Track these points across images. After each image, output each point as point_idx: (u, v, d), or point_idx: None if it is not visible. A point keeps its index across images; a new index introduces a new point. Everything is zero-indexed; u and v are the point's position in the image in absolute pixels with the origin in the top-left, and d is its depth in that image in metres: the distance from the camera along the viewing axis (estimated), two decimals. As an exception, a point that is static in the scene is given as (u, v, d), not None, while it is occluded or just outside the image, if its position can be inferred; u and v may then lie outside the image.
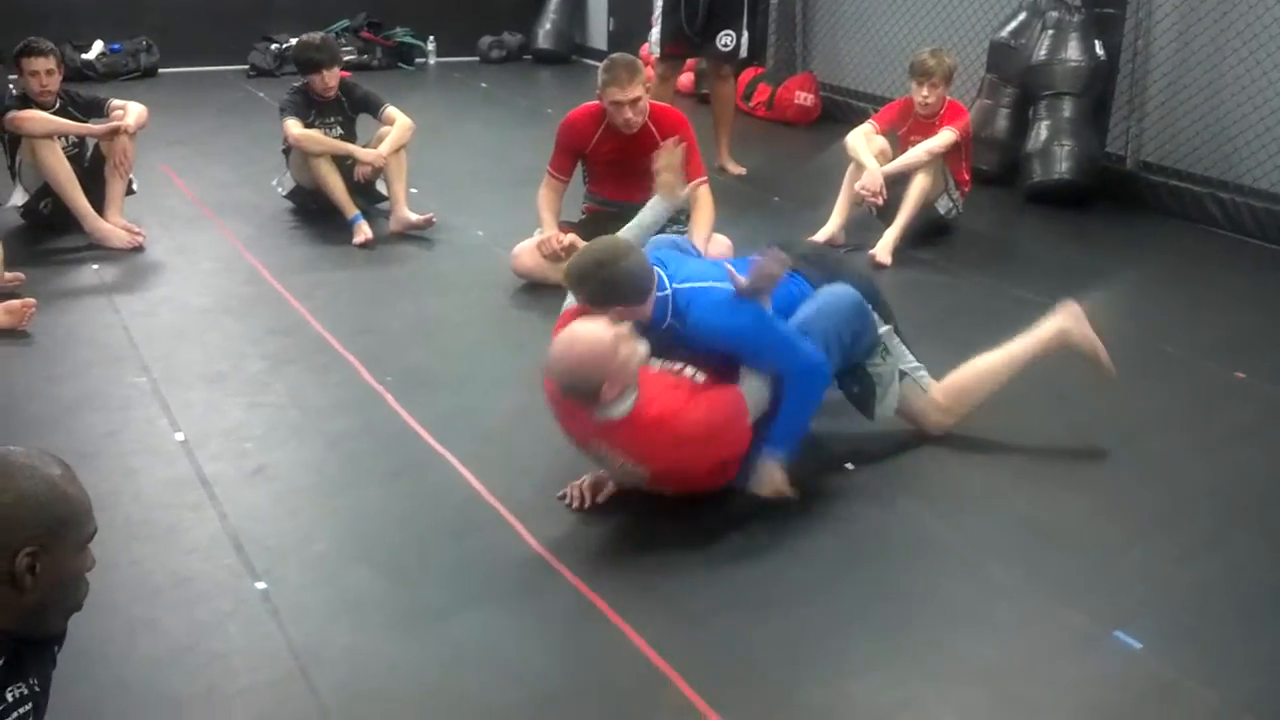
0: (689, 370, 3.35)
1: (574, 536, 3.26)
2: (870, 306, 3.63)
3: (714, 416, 3.22)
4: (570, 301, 3.45)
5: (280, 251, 5.72)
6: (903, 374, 3.71)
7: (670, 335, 3.37)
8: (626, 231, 3.83)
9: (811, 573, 3.12)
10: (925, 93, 5.67)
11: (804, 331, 3.41)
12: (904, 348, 3.75)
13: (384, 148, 5.90)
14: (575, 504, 3.39)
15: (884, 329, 3.69)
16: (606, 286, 3.28)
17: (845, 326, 3.48)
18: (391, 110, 6.05)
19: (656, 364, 3.34)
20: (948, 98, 5.76)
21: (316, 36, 6.21)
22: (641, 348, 3.19)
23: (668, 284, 3.40)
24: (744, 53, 7.26)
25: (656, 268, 3.40)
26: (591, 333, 3.11)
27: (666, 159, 3.99)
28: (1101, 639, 2.84)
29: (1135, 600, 3.02)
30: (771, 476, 3.33)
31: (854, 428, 3.78)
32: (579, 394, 3.16)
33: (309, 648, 2.76)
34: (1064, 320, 3.87)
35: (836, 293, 3.54)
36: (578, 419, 3.26)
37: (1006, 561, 3.16)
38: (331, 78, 5.97)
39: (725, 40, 7.05)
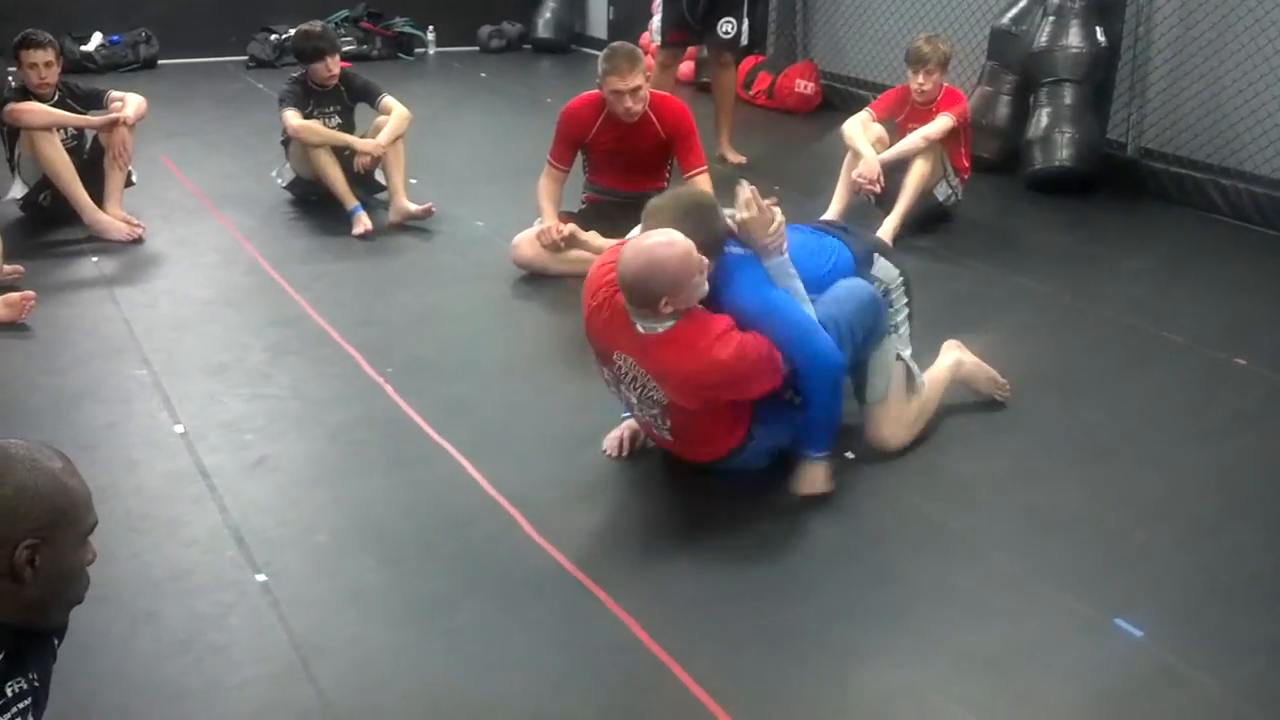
0: None
1: (574, 527, 3.26)
2: (903, 289, 3.65)
3: (745, 354, 3.20)
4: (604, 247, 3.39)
5: (280, 243, 5.71)
6: (899, 357, 3.62)
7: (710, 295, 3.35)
8: None
9: (812, 562, 3.13)
10: (921, 80, 5.65)
11: (823, 312, 3.37)
12: (908, 339, 3.69)
13: (382, 138, 5.89)
14: (613, 452, 3.54)
15: (903, 314, 3.65)
16: (701, 227, 3.26)
17: (859, 322, 3.41)
18: (389, 100, 6.04)
19: None
20: (945, 84, 5.75)
21: (316, 25, 6.20)
22: (705, 285, 3.21)
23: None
24: (744, 40, 7.23)
25: None
26: (688, 244, 3.13)
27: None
28: (1103, 626, 2.84)
29: (1137, 587, 3.02)
30: (815, 477, 3.37)
31: (854, 418, 3.77)
32: (642, 293, 3.15)
33: (310, 639, 2.76)
34: (952, 352, 3.91)
35: (854, 286, 3.48)
36: (614, 327, 3.27)
37: (1008, 549, 3.16)
38: (333, 65, 5.97)
39: (726, 28, 7.03)
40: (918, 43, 5.73)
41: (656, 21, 7.18)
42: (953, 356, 3.91)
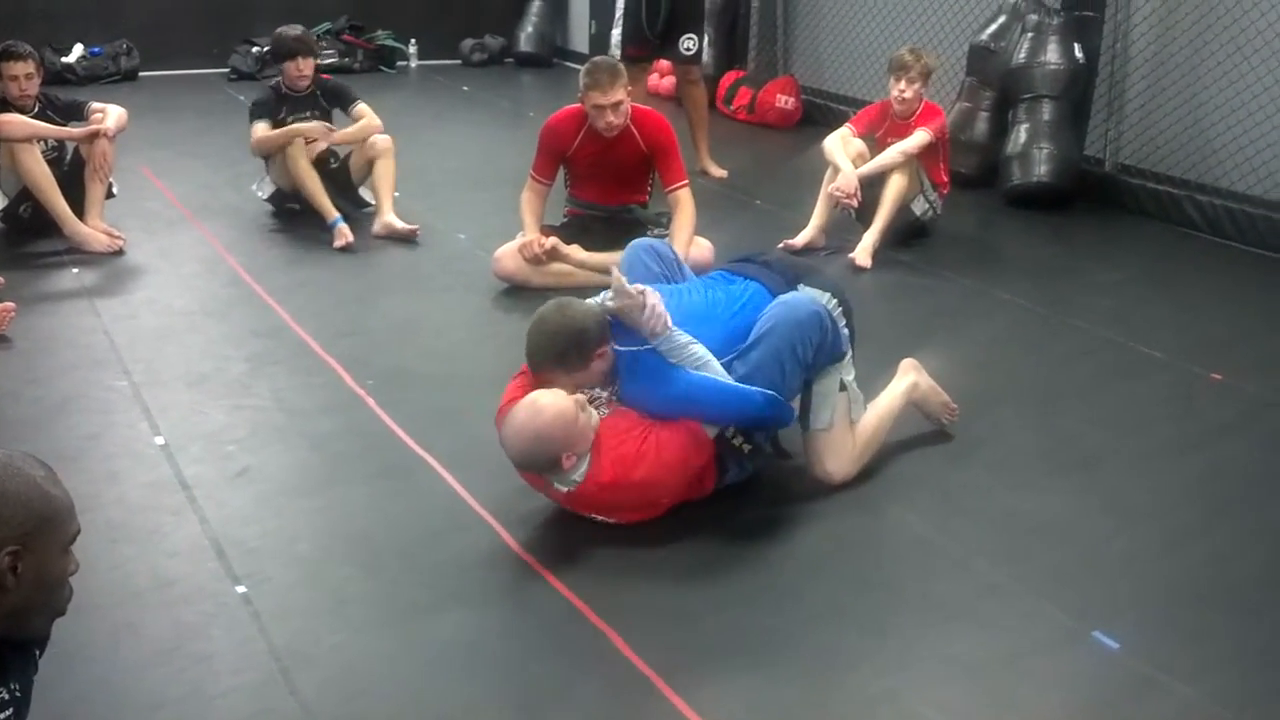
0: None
1: (554, 537, 3.26)
2: (840, 312, 3.50)
3: (667, 456, 3.19)
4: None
5: (261, 254, 5.71)
6: (843, 384, 3.50)
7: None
8: None
9: (794, 571, 3.14)
10: (903, 86, 5.67)
11: (758, 347, 3.31)
12: (851, 364, 3.56)
13: (341, 133, 6.03)
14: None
15: (844, 338, 3.51)
16: (583, 349, 3.24)
17: (802, 340, 3.32)
18: (362, 107, 6.12)
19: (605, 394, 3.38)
20: (925, 99, 5.79)
21: (295, 28, 6.25)
22: (595, 413, 3.20)
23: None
24: (706, 56, 7.26)
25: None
26: (555, 402, 3.11)
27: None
28: (1083, 635, 2.86)
29: (1117, 596, 3.04)
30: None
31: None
32: (538, 467, 3.18)
33: (291, 649, 2.76)
34: (908, 374, 3.80)
35: (791, 304, 3.39)
36: (532, 478, 3.29)
37: (990, 559, 3.18)
38: (304, 66, 6.04)
39: (688, 44, 7.05)
40: (900, 51, 5.79)
41: (616, 36, 7.18)
42: (909, 379, 3.78)
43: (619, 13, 7.12)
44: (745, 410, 3.30)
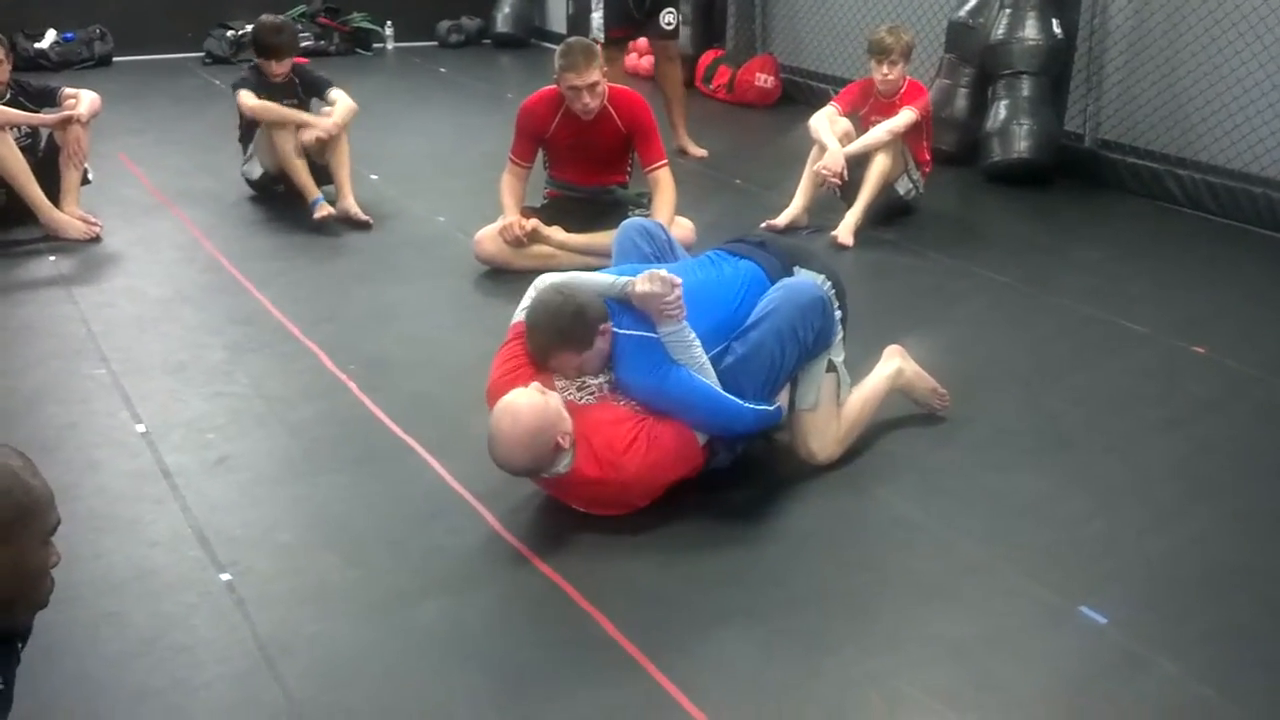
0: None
1: (540, 521, 3.25)
2: (835, 298, 3.49)
3: (657, 455, 3.17)
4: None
5: (240, 240, 5.67)
6: (831, 365, 3.49)
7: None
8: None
9: (781, 554, 3.13)
10: (885, 70, 5.67)
11: (759, 327, 3.30)
12: (841, 345, 3.56)
13: (335, 118, 5.91)
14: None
15: (835, 320, 3.50)
16: (585, 335, 3.21)
17: (803, 323, 3.33)
18: (337, 91, 6.06)
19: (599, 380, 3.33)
20: (908, 77, 5.77)
21: (278, 20, 6.18)
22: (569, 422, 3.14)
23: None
24: (682, 33, 7.27)
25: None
26: (532, 414, 3.05)
27: None
28: (1068, 613, 2.87)
29: (1101, 573, 3.04)
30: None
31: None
32: (521, 471, 3.16)
33: (275, 638, 2.75)
34: (893, 360, 3.77)
35: (794, 287, 3.40)
36: None
37: (975, 538, 3.18)
38: (285, 65, 5.99)
39: (668, 19, 7.05)
40: (880, 33, 5.76)
41: (598, 18, 7.14)
42: (893, 365, 3.76)
43: None
44: (734, 424, 3.31)
